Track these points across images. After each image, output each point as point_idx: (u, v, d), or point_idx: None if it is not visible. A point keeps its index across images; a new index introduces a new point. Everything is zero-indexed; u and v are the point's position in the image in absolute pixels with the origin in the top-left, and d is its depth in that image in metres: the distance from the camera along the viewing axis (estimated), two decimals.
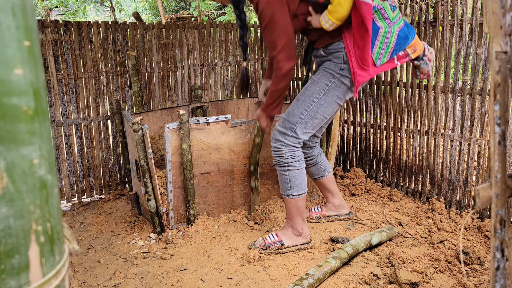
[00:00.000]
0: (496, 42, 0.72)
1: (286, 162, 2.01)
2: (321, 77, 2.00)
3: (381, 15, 1.94)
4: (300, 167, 2.03)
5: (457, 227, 2.22)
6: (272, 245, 2.08)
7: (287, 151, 2.00)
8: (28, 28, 0.47)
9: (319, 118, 2.01)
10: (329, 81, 1.98)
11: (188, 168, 2.23)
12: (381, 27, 1.93)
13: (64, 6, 10.16)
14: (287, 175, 2.03)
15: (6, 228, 0.45)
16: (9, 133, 0.45)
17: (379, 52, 1.95)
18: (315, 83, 2.00)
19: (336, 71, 1.97)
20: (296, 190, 2.03)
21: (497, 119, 0.74)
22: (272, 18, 1.84)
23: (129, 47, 2.94)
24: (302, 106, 1.99)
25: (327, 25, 1.90)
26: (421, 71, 2.11)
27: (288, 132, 2.00)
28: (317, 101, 1.98)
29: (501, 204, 0.76)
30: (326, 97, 1.98)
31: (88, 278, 1.94)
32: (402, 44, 2.00)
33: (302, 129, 1.99)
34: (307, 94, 2.00)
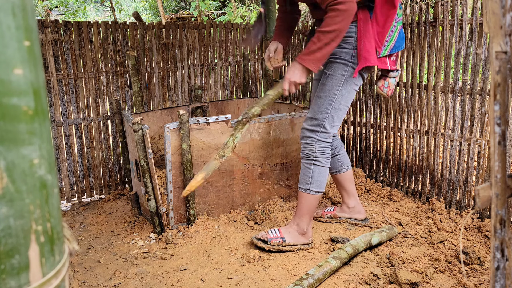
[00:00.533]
0: (496, 42, 0.72)
1: (315, 156, 2.03)
2: (335, 69, 2.01)
3: None
4: (325, 165, 2.05)
5: (457, 227, 2.22)
6: (273, 240, 2.07)
7: (317, 146, 2.03)
8: (28, 28, 0.47)
9: (343, 109, 2.04)
10: (344, 71, 2.00)
11: (188, 168, 2.23)
12: None
13: (64, 6, 10.16)
14: (311, 168, 2.04)
15: (6, 228, 0.45)
16: (9, 133, 0.45)
17: (383, 43, 1.99)
18: (331, 77, 2.02)
19: (348, 59, 1.99)
20: (315, 187, 2.04)
21: (497, 119, 0.74)
22: None
23: (129, 47, 2.94)
24: (325, 101, 2.01)
25: None
26: (389, 85, 2.16)
27: (318, 129, 2.02)
28: (338, 93, 2.01)
29: (501, 204, 0.76)
30: (346, 86, 2.01)
31: (88, 278, 1.94)
32: (401, 43, 2.04)
33: (330, 123, 2.03)
34: (327, 89, 2.02)
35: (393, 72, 2.12)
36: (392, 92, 2.19)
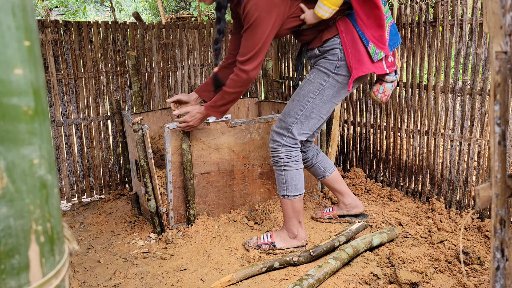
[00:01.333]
0: (496, 42, 0.72)
1: (283, 162, 2.00)
2: (315, 76, 1.96)
3: None
4: (296, 168, 2.02)
5: (457, 227, 2.22)
6: (263, 246, 2.08)
7: (283, 151, 1.99)
8: (28, 28, 0.47)
9: (314, 118, 1.98)
10: (323, 80, 1.94)
11: (188, 168, 2.23)
12: None
13: (64, 6, 10.16)
14: (283, 175, 2.02)
15: (6, 228, 0.45)
16: (9, 133, 0.45)
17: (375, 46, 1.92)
18: (309, 83, 1.97)
19: (331, 69, 1.93)
20: (292, 191, 2.02)
21: (497, 119, 0.74)
22: (255, 23, 1.79)
23: (129, 47, 2.94)
24: (297, 106, 1.97)
25: (322, 12, 1.81)
26: (384, 91, 2.07)
27: (285, 133, 1.98)
28: (312, 100, 1.95)
29: (501, 204, 0.76)
30: (321, 96, 1.95)
31: (88, 278, 1.94)
32: (395, 40, 1.97)
33: (299, 129, 1.98)
34: (301, 94, 1.98)
35: (390, 75, 2.02)
36: (387, 98, 2.09)
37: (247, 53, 1.84)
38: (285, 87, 3.53)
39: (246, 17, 1.80)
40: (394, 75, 2.03)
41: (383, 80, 2.04)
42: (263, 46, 1.83)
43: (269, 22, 1.80)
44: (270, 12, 1.78)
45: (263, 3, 1.76)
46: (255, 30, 1.80)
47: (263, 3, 1.76)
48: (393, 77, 2.03)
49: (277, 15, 1.81)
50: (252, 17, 1.78)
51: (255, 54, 1.84)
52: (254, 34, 1.81)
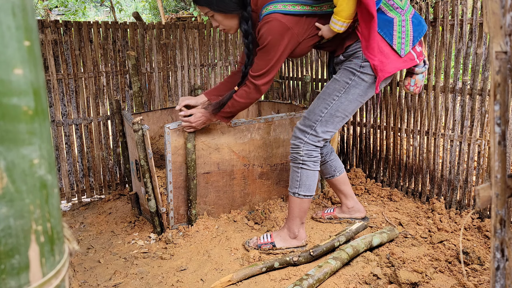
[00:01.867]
0: (496, 42, 0.72)
1: (302, 159, 2.00)
2: (342, 75, 1.99)
3: (391, 6, 1.94)
4: (313, 168, 2.02)
5: (457, 227, 2.22)
6: (263, 246, 2.08)
7: (304, 149, 1.99)
8: (28, 28, 0.47)
9: (339, 116, 1.99)
10: (349, 79, 1.96)
11: (192, 168, 2.23)
12: (394, 18, 1.93)
13: (64, 6, 10.16)
14: (299, 172, 2.02)
15: (6, 228, 0.45)
16: (9, 133, 0.45)
17: (400, 41, 1.93)
18: (335, 81, 1.99)
19: (356, 69, 1.95)
20: (303, 190, 2.02)
21: (497, 119, 0.74)
22: (268, 45, 1.86)
23: (129, 47, 2.94)
24: (322, 104, 1.98)
25: (337, 27, 1.87)
26: (416, 82, 2.08)
27: (308, 130, 1.99)
28: (337, 99, 1.97)
29: (501, 204, 0.76)
30: (347, 95, 1.97)
31: (88, 278, 1.94)
32: (419, 30, 1.97)
33: (323, 127, 1.98)
34: (327, 92, 1.99)
35: (418, 67, 2.03)
36: (420, 89, 2.09)
37: (259, 70, 1.92)
38: (285, 87, 3.52)
39: (260, 39, 1.88)
40: (423, 65, 2.04)
41: (413, 73, 2.07)
42: (275, 65, 1.92)
43: (281, 45, 1.88)
44: (282, 35, 1.86)
45: (276, 27, 1.84)
46: (268, 52, 1.88)
47: (276, 27, 1.84)
48: (422, 68, 2.04)
49: (291, 38, 1.89)
50: (265, 40, 1.86)
51: (267, 71, 1.92)
52: (267, 55, 1.89)
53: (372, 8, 1.78)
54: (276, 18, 1.84)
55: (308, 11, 1.88)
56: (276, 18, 1.84)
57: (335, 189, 2.36)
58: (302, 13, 1.88)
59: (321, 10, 1.91)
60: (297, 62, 3.36)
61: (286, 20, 1.85)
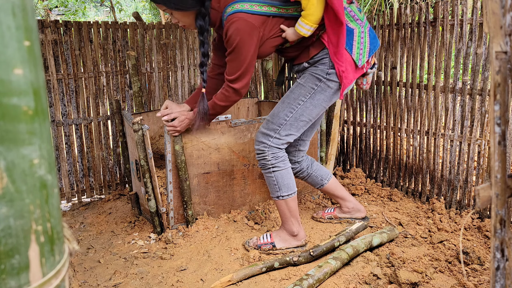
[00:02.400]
0: (496, 42, 0.72)
1: (270, 163, 2.00)
2: (307, 80, 1.98)
3: (351, 17, 1.95)
4: (285, 167, 2.02)
5: (457, 227, 2.22)
6: (263, 246, 2.08)
7: (270, 153, 1.99)
8: (28, 28, 0.47)
9: (304, 121, 1.99)
10: (315, 85, 1.96)
11: (183, 170, 2.22)
12: (354, 28, 1.94)
13: (64, 6, 10.16)
14: (273, 176, 2.01)
15: (6, 228, 0.45)
16: (9, 133, 0.45)
17: (358, 52, 1.95)
18: (300, 86, 1.99)
19: (322, 75, 1.95)
20: (285, 191, 2.02)
21: (497, 119, 0.74)
22: (237, 46, 1.84)
23: (129, 47, 2.94)
24: (287, 108, 1.98)
25: (304, 30, 1.86)
26: (367, 81, 2.12)
27: (272, 134, 1.99)
28: (302, 104, 1.97)
29: (501, 204, 0.76)
30: (312, 100, 1.97)
31: (88, 278, 1.94)
32: (374, 43, 2.00)
33: (287, 130, 1.98)
34: (292, 97, 1.99)
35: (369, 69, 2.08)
36: (369, 84, 2.15)
37: (234, 73, 1.90)
38: (285, 87, 3.52)
39: (229, 41, 1.85)
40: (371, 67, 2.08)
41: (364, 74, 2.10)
42: (249, 66, 1.90)
43: (251, 44, 1.86)
44: (251, 35, 1.84)
45: (244, 27, 1.82)
46: (239, 53, 1.86)
47: (243, 27, 1.82)
48: (373, 69, 2.08)
49: (258, 37, 1.87)
50: (234, 41, 1.84)
51: (242, 73, 1.90)
52: (238, 56, 1.87)
53: (341, 15, 1.80)
54: (242, 18, 1.81)
55: (274, 13, 1.88)
56: (243, 17, 1.81)
57: (331, 196, 2.36)
58: (268, 14, 1.87)
59: (287, 12, 1.90)
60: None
61: (252, 19, 1.83)
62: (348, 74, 1.94)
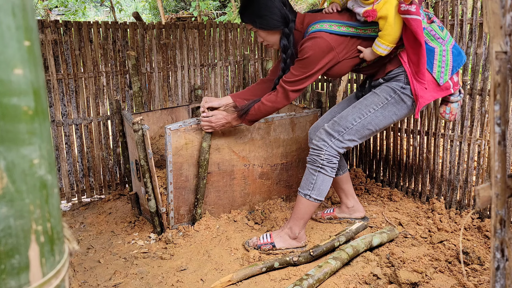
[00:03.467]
0: (496, 42, 0.72)
1: (321, 163, 1.99)
2: (382, 90, 1.99)
3: (432, 36, 1.94)
4: (330, 174, 2.02)
5: (457, 227, 2.22)
6: (263, 246, 2.07)
7: (327, 153, 1.99)
8: (28, 28, 0.47)
9: (370, 130, 2.00)
10: (389, 96, 1.97)
11: (204, 167, 2.24)
12: (435, 47, 1.93)
13: (64, 6, 10.16)
14: (315, 175, 2.01)
15: (6, 228, 0.45)
16: (9, 133, 0.45)
17: (440, 70, 1.94)
18: (375, 95, 2.00)
19: (398, 88, 1.96)
20: (316, 194, 2.01)
21: (497, 119, 0.74)
22: (308, 58, 1.89)
23: (129, 47, 2.94)
24: (356, 113, 1.99)
25: (381, 50, 1.88)
26: (451, 110, 2.07)
27: (335, 135, 1.99)
28: (373, 112, 1.98)
29: (501, 204, 0.76)
30: (383, 110, 1.98)
31: (88, 278, 1.94)
32: (459, 60, 1.97)
33: (351, 135, 1.99)
34: (365, 103, 2.00)
35: (454, 96, 2.02)
36: (455, 117, 2.08)
37: (292, 78, 1.95)
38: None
39: (302, 51, 1.92)
40: (458, 94, 2.03)
41: (448, 101, 2.05)
42: (309, 77, 1.94)
43: (321, 62, 1.91)
44: (325, 53, 1.90)
45: (320, 44, 1.88)
46: (306, 65, 1.91)
47: (320, 44, 1.88)
48: (458, 97, 2.03)
49: (332, 57, 1.92)
50: (306, 53, 1.89)
51: (299, 80, 1.95)
52: (304, 68, 1.92)
53: (420, 35, 1.80)
54: (321, 36, 1.88)
55: (352, 33, 1.92)
56: (322, 36, 1.88)
57: (337, 187, 2.36)
58: (346, 34, 1.91)
59: (365, 33, 1.93)
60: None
61: (330, 39, 1.88)
62: (424, 93, 1.93)
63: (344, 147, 2.01)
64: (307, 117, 2.56)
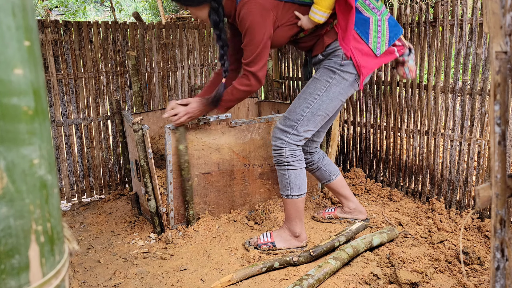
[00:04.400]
0: (496, 42, 0.72)
1: (286, 161, 1.99)
2: (322, 74, 1.98)
3: (367, 5, 1.94)
4: (300, 167, 2.01)
5: (457, 227, 2.22)
6: (263, 245, 2.07)
7: (287, 150, 1.98)
8: (28, 28, 0.47)
9: (321, 115, 1.99)
10: (330, 78, 1.96)
11: (186, 169, 2.22)
12: (370, 17, 1.93)
13: (64, 6, 10.16)
14: (286, 174, 2.01)
15: (6, 228, 0.45)
16: (9, 133, 0.45)
17: (376, 41, 1.94)
18: (316, 81, 1.99)
19: (336, 67, 1.95)
20: (296, 191, 2.02)
21: (497, 119, 0.74)
22: (250, 27, 1.85)
23: (129, 47, 2.94)
24: (303, 103, 1.97)
25: (318, 17, 1.86)
26: (410, 69, 2.08)
27: (289, 130, 1.98)
28: (319, 98, 1.96)
29: (501, 204, 0.76)
30: (328, 93, 1.96)
31: (88, 278, 1.94)
32: (395, 31, 1.98)
33: (304, 126, 1.97)
34: (308, 92, 1.99)
35: (404, 55, 2.03)
36: (415, 73, 2.10)
37: (250, 56, 1.90)
38: (285, 87, 3.52)
39: (241, 23, 1.87)
40: (408, 53, 2.04)
41: (403, 62, 2.06)
42: (264, 48, 1.89)
43: (264, 25, 1.86)
44: (263, 16, 1.85)
45: (255, 8, 1.83)
46: (252, 34, 1.86)
47: (255, 8, 1.83)
48: (410, 55, 2.04)
49: (270, 19, 1.88)
50: (246, 22, 1.85)
51: (257, 55, 1.89)
52: (252, 38, 1.87)
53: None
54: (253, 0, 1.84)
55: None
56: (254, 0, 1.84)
57: (335, 193, 2.35)
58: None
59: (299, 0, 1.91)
60: (297, 62, 3.36)
61: (264, 1, 1.85)
62: (366, 63, 1.93)
63: (301, 139, 1.99)
64: None
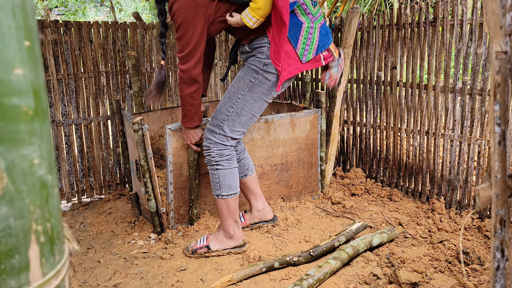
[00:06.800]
0: (496, 42, 0.72)
1: (215, 160, 1.99)
2: (245, 73, 1.97)
3: (303, 10, 1.93)
4: (229, 167, 2.00)
5: (457, 227, 2.22)
6: (199, 250, 2.05)
7: (215, 149, 1.98)
8: (28, 28, 0.47)
9: (246, 116, 1.98)
10: (252, 78, 1.95)
11: (194, 168, 2.23)
12: (304, 22, 1.93)
13: (64, 6, 10.16)
14: (215, 174, 2.00)
15: (6, 228, 0.45)
16: (9, 133, 0.45)
17: (304, 47, 1.94)
18: (239, 80, 1.98)
19: (259, 67, 1.94)
20: (225, 190, 2.00)
21: (497, 119, 0.74)
22: (183, 24, 1.80)
23: (129, 47, 2.94)
24: (228, 103, 1.97)
25: (250, 22, 1.85)
26: (331, 76, 2.08)
27: (216, 130, 1.97)
28: (242, 98, 1.95)
29: (501, 204, 0.76)
30: (251, 93, 1.95)
31: (88, 278, 1.94)
32: (325, 41, 1.98)
33: (230, 126, 1.97)
34: (232, 91, 1.98)
35: (332, 62, 2.05)
36: (335, 82, 2.10)
37: (182, 51, 1.85)
38: None
39: (173, 17, 1.82)
40: (336, 60, 2.05)
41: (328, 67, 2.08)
42: (197, 45, 1.84)
43: (197, 22, 1.81)
44: (196, 12, 1.79)
45: (188, 4, 1.77)
46: (185, 30, 1.81)
47: (188, 4, 1.77)
48: (335, 63, 2.06)
49: (204, 15, 1.82)
50: (178, 17, 1.80)
51: (190, 52, 1.84)
52: (185, 34, 1.82)
53: (285, 15, 1.79)
54: None
55: None
56: None
57: (246, 190, 2.26)
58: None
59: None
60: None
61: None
62: (288, 66, 1.92)
63: (229, 138, 1.98)
64: (307, 117, 2.56)
